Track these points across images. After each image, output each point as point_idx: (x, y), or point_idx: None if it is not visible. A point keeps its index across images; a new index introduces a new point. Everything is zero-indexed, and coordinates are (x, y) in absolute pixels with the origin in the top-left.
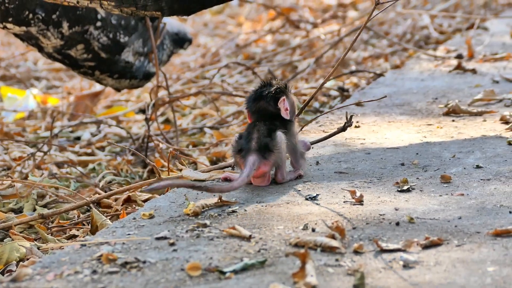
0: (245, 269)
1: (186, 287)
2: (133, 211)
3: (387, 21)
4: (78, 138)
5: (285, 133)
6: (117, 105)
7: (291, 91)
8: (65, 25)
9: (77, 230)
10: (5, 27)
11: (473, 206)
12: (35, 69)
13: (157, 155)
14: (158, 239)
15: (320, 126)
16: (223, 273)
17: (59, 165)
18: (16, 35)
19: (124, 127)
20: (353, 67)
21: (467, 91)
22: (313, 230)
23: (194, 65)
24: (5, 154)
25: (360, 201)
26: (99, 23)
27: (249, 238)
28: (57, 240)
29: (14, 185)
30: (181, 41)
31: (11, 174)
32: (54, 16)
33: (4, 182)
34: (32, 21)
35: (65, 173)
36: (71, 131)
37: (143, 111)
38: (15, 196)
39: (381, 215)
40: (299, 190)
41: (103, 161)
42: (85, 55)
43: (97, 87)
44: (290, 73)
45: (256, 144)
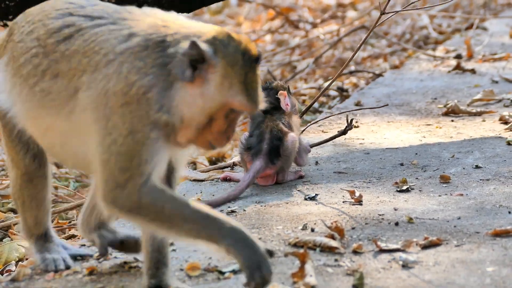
0: None
1: None
2: None
3: (386, 22)
4: None
5: (289, 127)
6: None
7: (291, 92)
8: None
9: (76, 230)
10: (5, 25)
11: (472, 206)
12: None
13: None
14: None
15: (319, 126)
16: (222, 273)
17: (58, 165)
18: None
19: None
20: (353, 67)
21: (466, 91)
22: (312, 230)
23: None
24: (4, 154)
25: (359, 201)
26: None
27: None
28: None
29: None
30: None
31: None
32: None
33: (3, 182)
34: None
35: (64, 173)
36: None
37: None
38: None
39: (380, 215)
40: (299, 190)
41: None
42: None
43: None
44: (289, 73)
45: (267, 146)
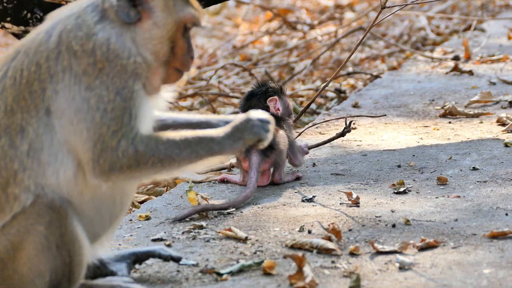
0: (242, 270)
1: None
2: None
3: (384, 23)
4: None
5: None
6: None
7: (286, 94)
8: None
9: None
10: (3, 27)
11: (469, 208)
12: None
13: None
14: (154, 240)
15: (316, 128)
16: (219, 275)
17: None
18: (14, 35)
19: None
20: (350, 69)
21: (464, 92)
22: (309, 232)
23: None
24: None
25: (356, 203)
26: None
27: (245, 239)
28: None
29: None
30: None
31: None
32: None
33: None
34: (30, 21)
35: None
36: None
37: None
38: None
39: (377, 217)
40: (296, 191)
41: None
42: None
43: None
44: (287, 75)
45: None
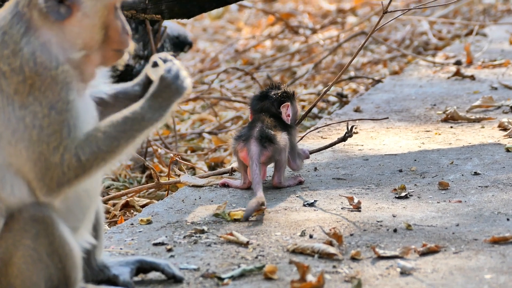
0: (243, 275)
1: None
2: (131, 217)
3: (386, 27)
4: None
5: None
6: None
7: (296, 100)
8: None
9: None
10: None
11: (471, 213)
12: None
13: (156, 160)
14: (155, 244)
15: (318, 132)
16: (221, 279)
17: None
18: None
19: None
20: (352, 73)
21: (466, 97)
22: (311, 236)
23: (193, 70)
24: None
25: (357, 208)
26: None
27: (247, 244)
28: None
29: None
30: (181, 44)
31: None
32: None
33: None
34: None
35: None
36: None
37: None
38: None
39: (378, 221)
40: (297, 196)
41: None
42: None
43: None
44: (289, 79)
45: (258, 132)
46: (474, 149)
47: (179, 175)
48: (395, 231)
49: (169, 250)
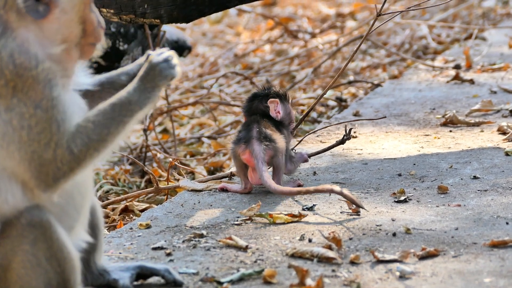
0: (242, 279)
1: None
2: (130, 221)
3: (385, 31)
4: None
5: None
6: None
7: (290, 101)
8: None
9: None
10: None
11: (470, 217)
12: None
13: (155, 165)
14: (154, 249)
15: (317, 136)
16: (220, 283)
17: None
18: None
19: None
20: (351, 77)
21: (465, 101)
22: (310, 240)
23: (192, 74)
24: None
25: (357, 212)
26: None
27: (246, 248)
28: None
29: None
30: (180, 48)
31: None
32: None
33: None
34: None
35: None
36: None
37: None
38: None
39: (378, 225)
40: (296, 200)
41: (101, 171)
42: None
43: None
44: (288, 83)
45: (257, 132)
46: (473, 153)
47: (178, 180)
48: (394, 235)
49: (168, 254)
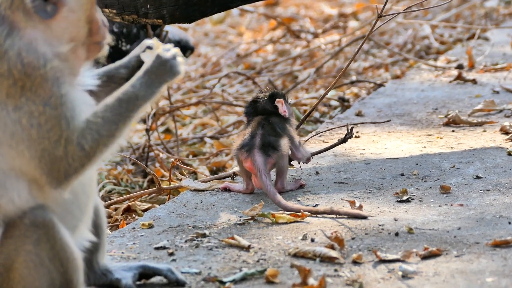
0: (244, 279)
1: None
2: (132, 221)
3: (387, 31)
4: None
5: (283, 129)
6: None
7: (288, 101)
8: None
9: None
10: None
11: (473, 216)
12: None
13: (158, 164)
14: (157, 248)
15: (320, 136)
16: (222, 283)
17: None
18: None
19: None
20: (354, 77)
21: (467, 101)
22: (312, 240)
23: (194, 74)
24: None
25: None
26: None
27: (248, 248)
28: None
29: None
30: (183, 49)
31: None
32: None
33: None
34: None
35: None
36: None
37: (143, 120)
38: None
39: (380, 225)
40: (299, 200)
41: (104, 171)
42: None
43: None
44: (290, 83)
45: (260, 140)
46: (476, 153)
47: (180, 180)
48: (397, 234)
49: (171, 254)
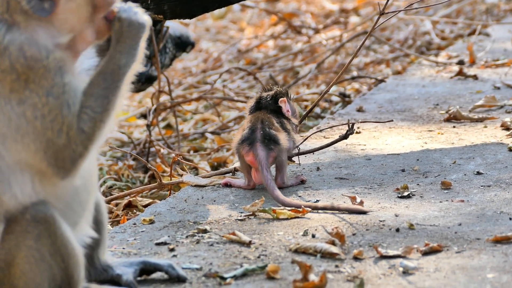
0: (245, 274)
1: None
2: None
3: (389, 27)
4: None
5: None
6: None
7: (291, 98)
8: None
9: None
10: None
11: (473, 212)
12: None
13: (159, 160)
14: (158, 244)
15: (320, 131)
16: (223, 279)
17: None
18: None
19: (125, 132)
20: (355, 73)
21: (468, 97)
22: (313, 236)
23: (195, 70)
24: None
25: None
26: None
27: (249, 243)
28: None
29: None
30: (183, 44)
31: None
32: None
33: None
34: None
35: None
36: None
37: (144, 116)
38: None
39: (381, 221)
40: (300, 195)
41: (104, 166)
42: None
43: None
44: (291, 79)
45: (261, 133)
46: (476, 148)
47: (181, 175)
48: (398, 230)
49: (172, 249)
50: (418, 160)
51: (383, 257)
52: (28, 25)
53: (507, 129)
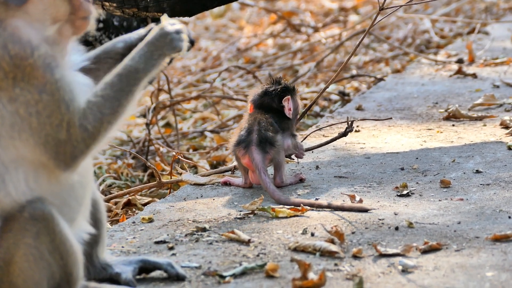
0: (244, 273)
1: None
2: (133, 215)
3: (388, 25)
4: None
5: (281, 126)
6: None
7: (297, 94)
8: None
9: None
10: None
11: (473, 211)
12: None
13: (158, 158)
14: (157, 243)
15: (320, 130)
16: (222, 277)
17: None
18: None
19: (124, 130)
20: (354, 71)
21: (468, 95)
22: (312, 234)
23: (195, 68)
24: None
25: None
26: (100, 25)
27: (248, 242)
28: None
29: None
30: None
31: None
32: None
33: None
34: None
35: None
36: None
37: (143, 115)
38: None
39: (380, 219)
40: (299, 194)
41: (104, 165)
42: None
43: None
44: (291, 77)
45: (257, 136)
46: (476, 147)
47: (181, 174)
48: (397, 229)
49: (171, 248)
50: (417, 158)
51: (382, 256)
52: (7, 17)
53: (506, 127)
